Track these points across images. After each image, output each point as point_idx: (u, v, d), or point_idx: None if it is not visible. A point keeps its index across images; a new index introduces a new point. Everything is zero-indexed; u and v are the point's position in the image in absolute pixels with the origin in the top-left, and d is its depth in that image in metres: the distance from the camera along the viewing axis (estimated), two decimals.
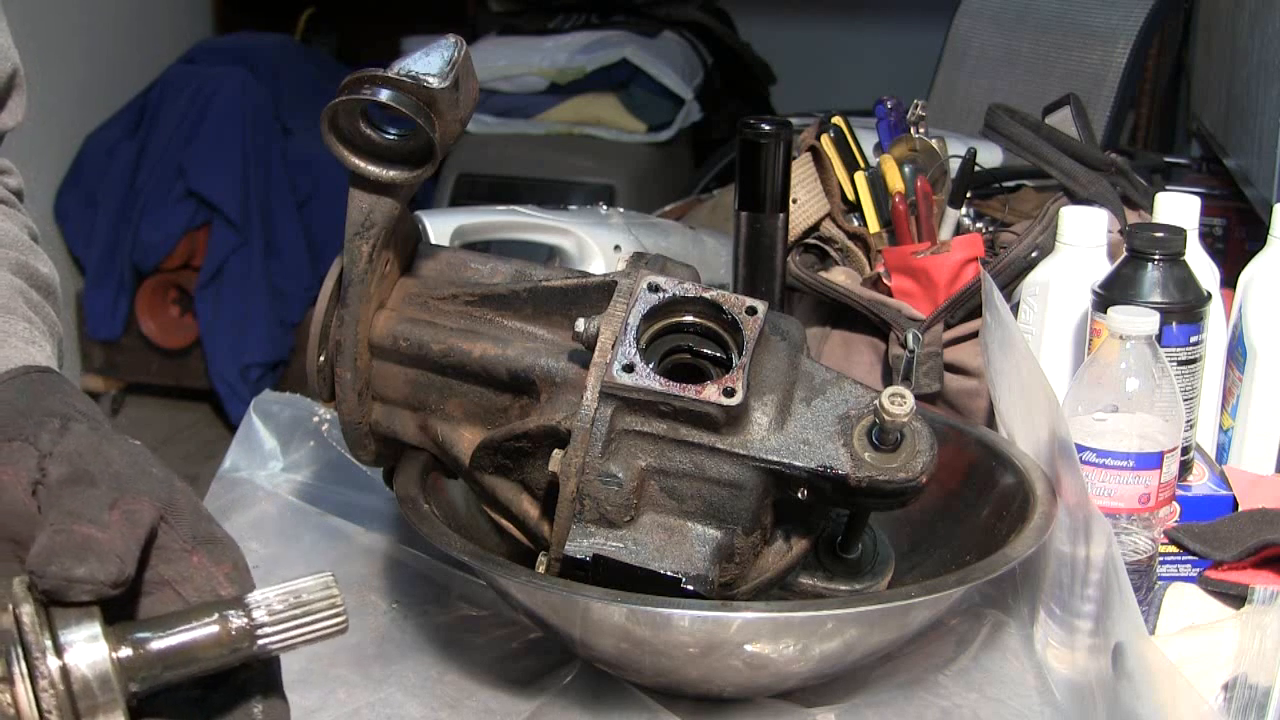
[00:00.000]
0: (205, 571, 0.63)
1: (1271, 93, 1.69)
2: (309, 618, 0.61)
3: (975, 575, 0.86)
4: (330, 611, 0.61)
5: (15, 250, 0.91)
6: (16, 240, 0.92)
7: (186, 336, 3.44)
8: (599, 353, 0.86)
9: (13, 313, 0.84)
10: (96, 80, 3.48)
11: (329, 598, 0.61)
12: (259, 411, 1.24)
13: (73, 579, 0.58)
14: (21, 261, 0.90)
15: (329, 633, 0.62)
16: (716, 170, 2.99)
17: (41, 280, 0.91)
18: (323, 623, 0.61)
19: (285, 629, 0.61)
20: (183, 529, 0.63)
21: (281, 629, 0.61)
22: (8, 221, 0.93)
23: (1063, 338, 1.19)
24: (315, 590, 0.61)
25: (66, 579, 0.58)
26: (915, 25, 3.43)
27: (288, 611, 0.61)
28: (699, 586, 0.84)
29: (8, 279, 0.87)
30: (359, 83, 0.84)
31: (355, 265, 0.90)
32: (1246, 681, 0.87)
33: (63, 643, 0.58)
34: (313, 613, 0.61)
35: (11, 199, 0.99)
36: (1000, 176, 1.54)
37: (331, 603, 0.61)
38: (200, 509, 0.65)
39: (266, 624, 0.61)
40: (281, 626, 0.61)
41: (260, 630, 0.60)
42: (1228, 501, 1.08)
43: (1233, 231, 1.97)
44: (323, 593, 0.61)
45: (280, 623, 0.61)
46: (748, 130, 1.23)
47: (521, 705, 0.90)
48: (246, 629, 0.60)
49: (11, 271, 0.89)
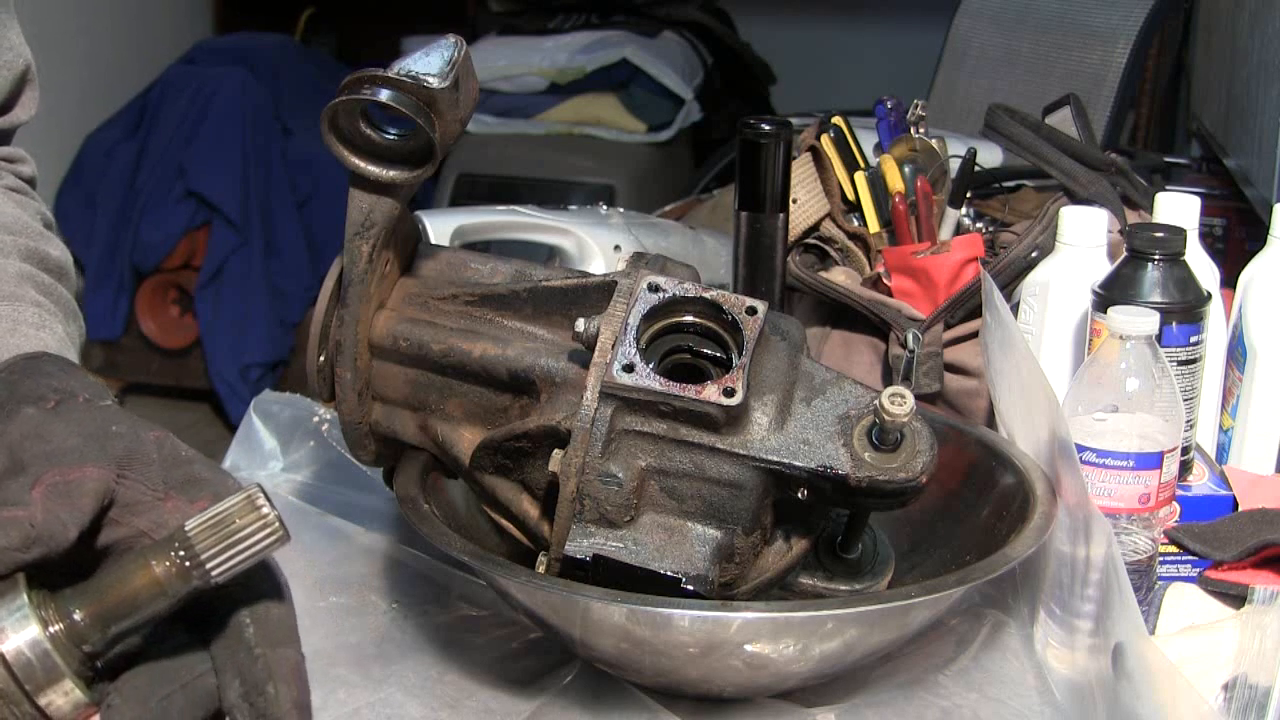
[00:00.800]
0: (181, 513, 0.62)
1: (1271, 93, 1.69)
2: (242, 539, 0.60)
3: (975, 575, 0.86)
4: (260, 526, 0.60)
5: (24, 236, 0.91)
6: (26, 226, 0.92)
7: (186, 336, 3.45)
8: (599, 353, 0.86)
9: (20, 299, 0.84)
10: (96, 80, 3.49)
11: (257, 514, 0.60)
12: (259, 411, 1.24)
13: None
14: (30, 247, 0.90)
15: (267, 547, 0.60)
16: (716, 170, 2.99)
17: (53, 263, 0.91)
18: (258, 540, 0.60)
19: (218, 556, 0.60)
20: (150, 478, 0.63)
21: (215, 557, 0.60)
22: (19, 209, 0.93)
23: (1063, 338, 1.19)
24: (241, 510, 0.60)
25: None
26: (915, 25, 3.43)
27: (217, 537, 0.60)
28: (699, 586, 0.84)
29: (15, 266, 0.88)
30: (359, 83, 0.84)
31: (355, 265, 0.90)
32: (1246, 681, 0.87)
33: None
34: (243, 533, 0.60)
35: (24, 187, 0.99)
36: (1000, 176, 1.54)
37: (261, 519, 0.60)
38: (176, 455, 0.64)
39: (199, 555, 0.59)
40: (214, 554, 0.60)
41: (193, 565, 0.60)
42: (1228, 501, 1.08)
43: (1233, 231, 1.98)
44: (250, 512, 0.60)
45: (212, 551, 0.60)
46: (748, 130, 1.23)
47: (521, 705, 0.90)
48: (178, 567, 0.60)
49: (20, 257, 0.89)
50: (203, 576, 0.60)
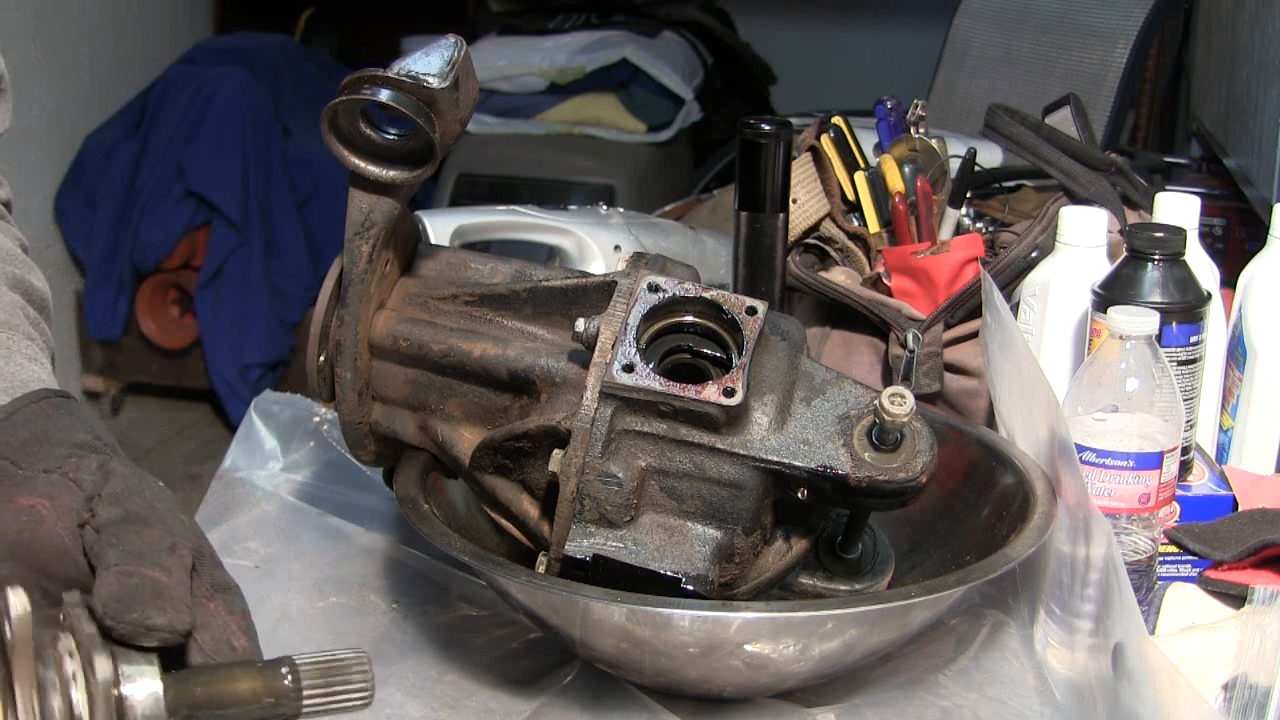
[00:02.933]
0: (220, 619, 0.65)
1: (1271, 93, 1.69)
2: (343, 689, 0.64)
3: (975, 575, 0.86)
4: (363, 686, 0.64)
5: (11, 265, 0.91)
6: (11, 255, 0.92)
7: (186, 336, 3.44)
8: (599, 353, 0.86)
9: (15, 329, 0.85)
10: (96, 80, 3.48)
11: (363, 673, 0.64)
12: (259, 411, 1.24)
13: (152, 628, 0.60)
14: (18, 276, 0.90)
15: (358, 705, 0.64)
16: (716, 170, 2.99)
17: (37, 296, 0.92)
18: (354, 695, 0.64)
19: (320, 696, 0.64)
20: (205, 575, 0.66)
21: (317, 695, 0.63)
22: (2, 237, 0.93)
23: (1063, 338, 1.19)
24: (352, 664, 0.64)
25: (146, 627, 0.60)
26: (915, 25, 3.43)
27: (325, 679, 0.64)
28: (699, 586, 0.84)
29: (8, 295, 0.88)
30: (359, 83, 0.84)
31: (355, 265, 0.90)
32: (1246, 681, 0.87)
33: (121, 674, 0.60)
34: (348, 685, 0.64)
35: (3, 212, 0.99)
36: (1000, 176, 1.54)
37: (364, 677, 0.64)
38: (214, 553, 0.67)
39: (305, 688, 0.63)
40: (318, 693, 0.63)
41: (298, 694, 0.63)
42: (1228, 501, 1.08)
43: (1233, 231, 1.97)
44: (359, 668, 0.64)
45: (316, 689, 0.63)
46: (748, 130, 1.23)
47: (521, 705, 0.90)
48: (287, 689, 0.63)
49: (9, 286, 0.89)
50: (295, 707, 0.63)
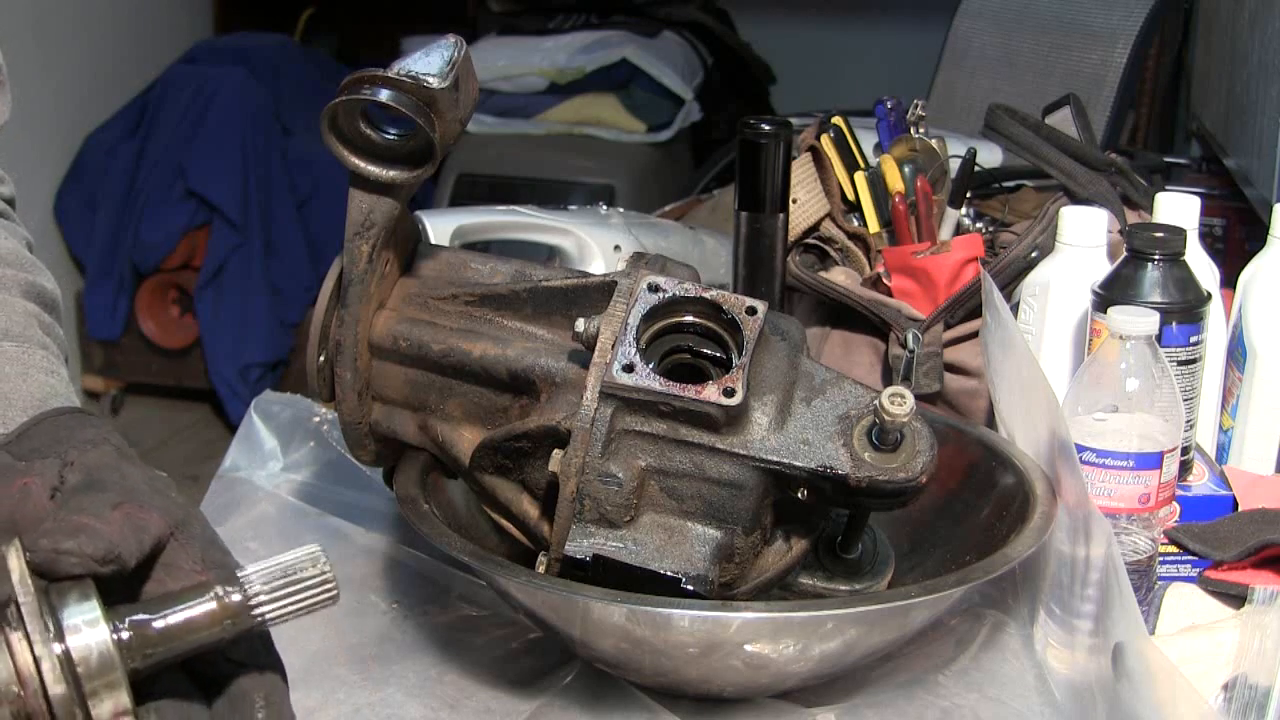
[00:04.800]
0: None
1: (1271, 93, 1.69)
2: (301, 591, 0.63)
3: (975, 575, 0.86)
4: (321, 583, 0.63)
5: (22, 270, 0.91)
6: (21, 259, 0.92)
7: (186, 336, 3.44)
8: (599, 353, 0.86)
9: (30, 341, 0.86)
10: (96, 80, 3.48)
11: (318, 570, 0.63)
12: (259, 411, 1.24)
13: (61, 550, 0.59)
14: (30, 282, 0.91)
15: (320, 603, 0.63)
16: (716, 170, 2.99)
17: (48, 298, 0.93)
18: (314, 594, 0.63)
19: (278, 603, 0.63)
20: (192, 551, 0.65)
21: (274, 603, 0.63)
22: (10, 239, 0.93)
23: (1063, 338, 1.19)
24: (305, 563, 0.63)
25: (55, 550, 0.59)
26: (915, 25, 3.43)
27: (280, 587, 0.63)
28: (699, 586, 0.84)
29: (22, 305, 0.88)
30: (359, 83, 0.84)
31: (355, 265, 0.90)
32: (1246, 681, 0.87)
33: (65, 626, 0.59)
34: (304, 586, 0.63)
35: (7, 209, 0.99)
36: (1000, 176, 1.54)
37: (322, 575, 0.63)
38: (216, 539, 0.67)
39: (260, 599, 0.62)
40: (274, 601, 0.63)
41: (254, 605, 0.62)
42: (1228, 501, 1.08)
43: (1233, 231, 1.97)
44: (312, 566, 0.63)
45: (273, 597, 0.63)
46: (748, 130, 1.23)
47: (521, 705, 0.90)
48: (241, 604, 0.62)
49: (22, 294, 0.89)
50: (258, 619, 0.62)
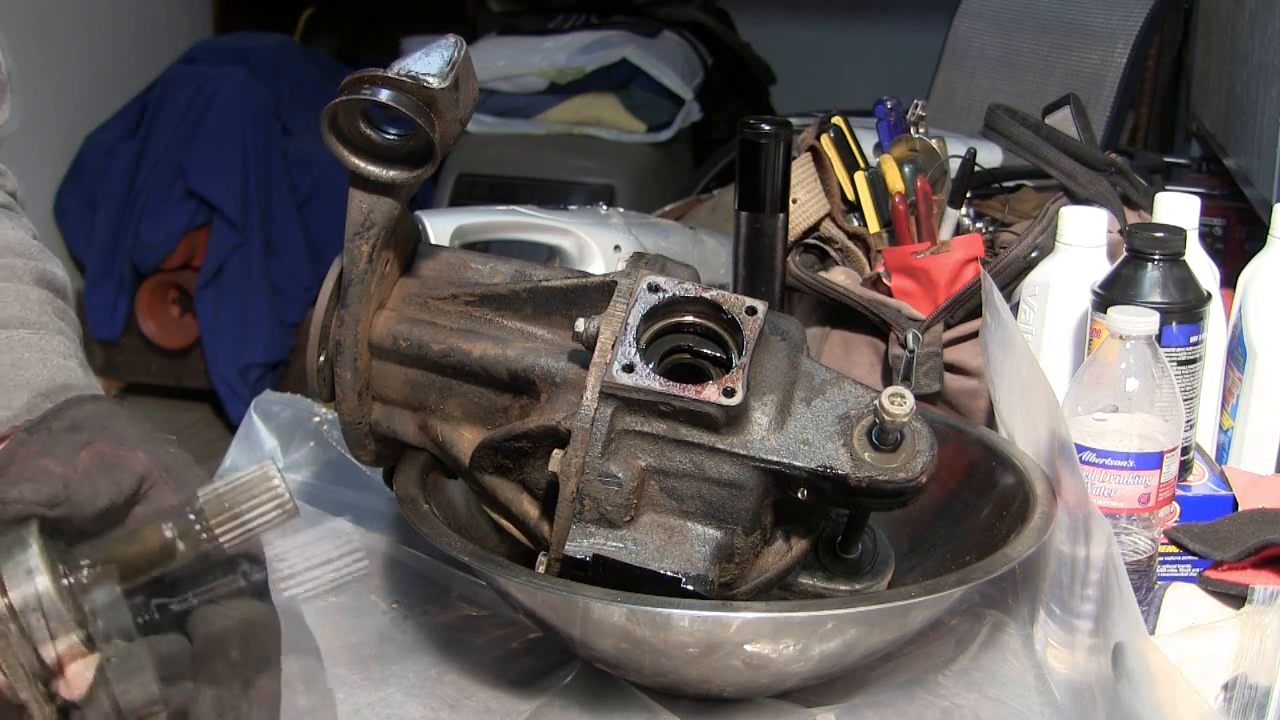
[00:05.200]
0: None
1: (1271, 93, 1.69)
2: (253, 510, 0.62)
3: (975, 575, 0.86)
4: (272, 499, 0.62)
5: (33, 259, 0.91)
6: (30, 248, 0.92)
7: (186, 336, 3.44)
8: (599, 353, 0.86)
9: (45, 328, 0.86)
10: (96, 80, 3.48)
11: (269, 486, 0.62)
12: (259, 411, 1.24)
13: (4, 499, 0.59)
14: (41, 269, 0.91)
15: (275, 519, 0.63)
16: (716, 170, 2.99)
17: (59, 285, 0.93)
18: (268, 512, 0.62)
19: (228, 523, 0.62)
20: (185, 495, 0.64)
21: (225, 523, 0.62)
22: (17, 229, 0.94)
23: (1063, 338, 1.19)
24: (255, 481, 0.62)
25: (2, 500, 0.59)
26: (915, 25, 3.43)
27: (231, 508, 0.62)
28: (699, 586, 0.84)
29: (35, 293, 0.88)
30: (359, 83, 0.84)
31: (355, 265, 0.90)
32: (1246, 681, 0.87)
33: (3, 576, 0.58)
34: (258, 501, 0.62)
35: (12, 203, 0.99)
36: (1000, 176, 1.54)
37: (272, 491, 0.62)
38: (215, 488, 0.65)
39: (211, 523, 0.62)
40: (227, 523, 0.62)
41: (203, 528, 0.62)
42: (1228, 501, 1.08)
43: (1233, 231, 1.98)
44: (263, 483, 0.62)
45: (223, 518, 0.62)
46: (748, 130, 1.23)
47: (521, 705, 0.90)
48: (189, 529, 0.61)
49: (34, 282, 0.90)
50: (213, 542, 0.62)
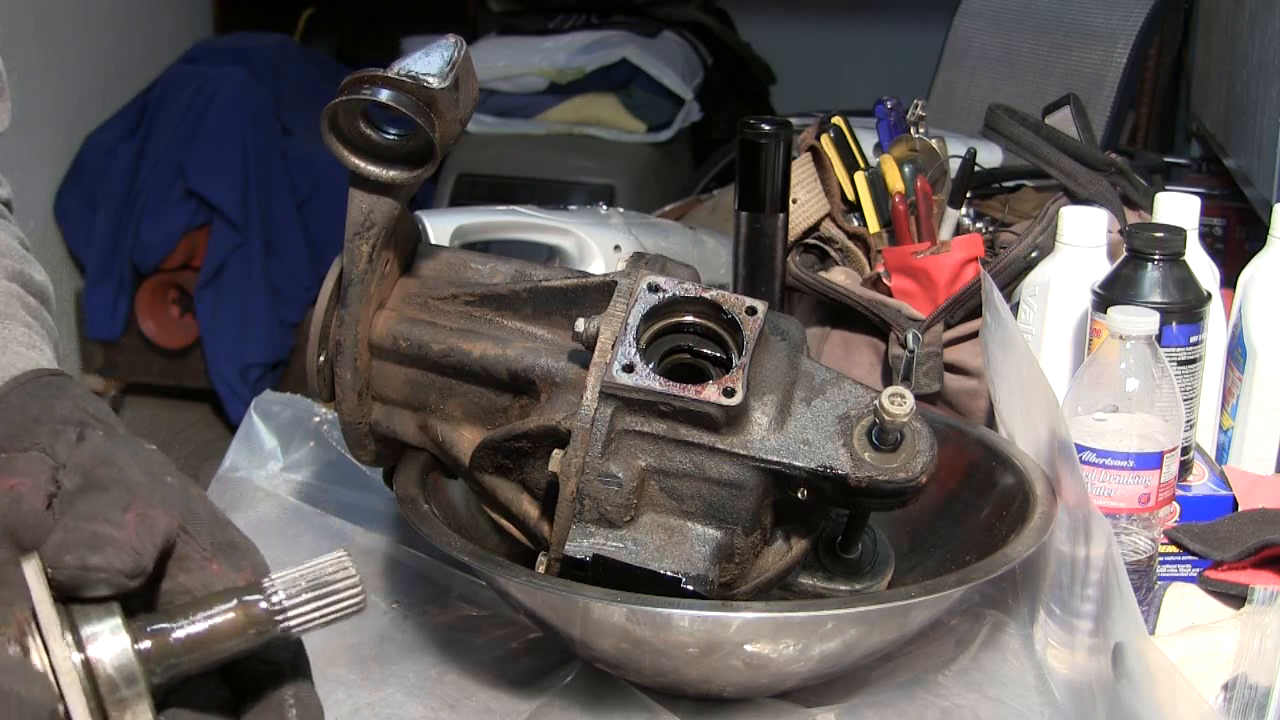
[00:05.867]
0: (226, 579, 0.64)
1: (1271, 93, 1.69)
2: (328, 598, 0.61)
3: (975, 575, 0.86)
4: (349, 589, 0.61)
5: (9, 259, 0.91)
6: (10, 249, 0.92)
7: (186, 336, 3.44)
8: (599, 353, 0.86)
9: (11, 318, 0.85)
10: (96, 80, 3.48)
11: (347, 576, 0.61)
12: (259, 411, 1.24)
13: (89, 567, 0.58)
14: (16, 269, 0.90)
15: (348, 611, 0.62)
16: (716, 170, 2.99)
17: (36, 287, 0.92)
18: (342, 602, 0.61)
19: (305, 610, 0.61)
20: (202, 538, 0.64)
21: (301, 611, 0.61)
22: (3, 233, 0.93)
23: (1063, 338, 1.19)
24: (332, 570, 0.61)
25: (83, 568, 0.58)
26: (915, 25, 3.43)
27: (306, 593, 0.61)
28: (699, 586, 0.84)
29: (3, 285, 0.87)
30: (359, 83, 0.84)
31: (355, 265, 0.90)
32: (1246, 681, 0.87)
33: (84, 636, 0.58)
34: (332, 592, 0.61)
35: (3, 210, 0.99)
36: (1000, 176, 1.54)
37: (350, 581, 0.61)
38: (217, 515, 0.66)
39: (286, 607, 0.61)
40: (301, 608, 0.61)
41: (280, 613, 0.61)
42: (1228, 501, 1.08)
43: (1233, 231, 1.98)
44: (340, 572, 0.61)
45: (299, 605, 0.61)
46: (748, 130, 1.23)
47: (521, 705, 0.90)
48: (267, 613, 0.61)
49: (6, 278, 0.89)
50: (286, 629, 0.61)
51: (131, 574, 0.59)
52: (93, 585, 0.58)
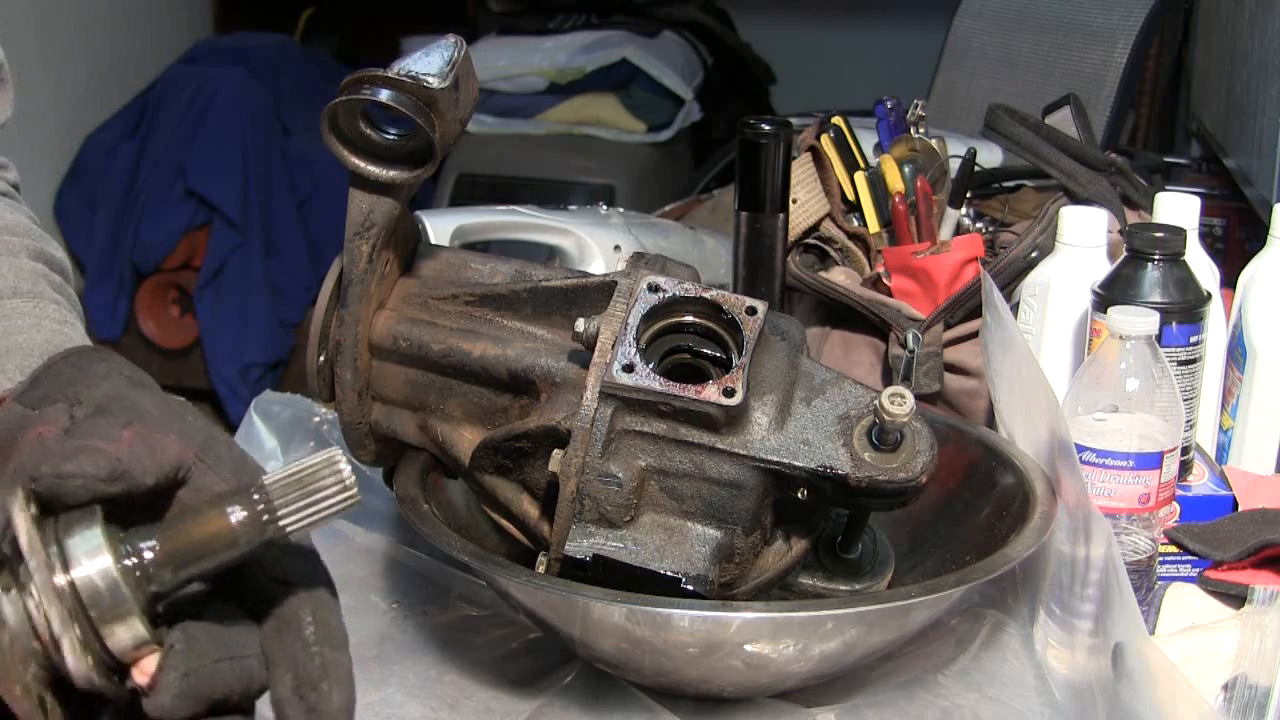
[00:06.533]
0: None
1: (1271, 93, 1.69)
2: (318, 496, 0.60)
3: (975, 575, 0.86)
4: (338, 487, 0.60)
5: (29, 238, 0.92)
6: (28, 228, 0.93)
7: (186, 336, 3.44)
8: (599, 353, 0.86)
9: (41, 296, 0.86)
10: (96, 80, 3.48)
11: (335, 473, 0.60)
12: (259, 411, 1.24)
13: (62, 474, 0.57)
14: (37, 248, 0.92)
15: (340, 508, 0.61)
16: (716, 170, 2.99)
17: (57, 264, 0.93)
18: (333, 499, 0.60)
19: (295, 510, 0.60)
20: (223, 473, 0.63)
21: (291, 511, 0.60)
22: (16, 213, 0.94)
23: (1063, 338, 1.19)
24: (321, 468, 0.60)
25: (56, 475, 0.57)
26: (915, 25, 3.43)
27: (295, 493, 0.60)
28: (699, 586, 0.84)
29: (30, 265, 0.89)
30: (359, 83, 0.84)
31: (355, 265, 0.90)
32: (1246, 681, 0.87)
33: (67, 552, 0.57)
34: (321, 491, 0.60)
35: (12, 192, 1.00)
36: (1000, 176, 1.54)
37: (339, 478, 0.60)
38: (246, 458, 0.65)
39: (276, 506, 0.60)
40: (291, 508, 0.60)
41: (269, 515, 0.60)
42: (1228, 501, 1.08)
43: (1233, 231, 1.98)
44: (328, 469, 0.60)
45: (289, 505, 0.60)
46: (748, 130, 1.23)
47: (521, 705, 0.90)
48: (254, 516, 0.60)
49: (30, 256, 0.90)
50: (277, 529, 0.60)
51: (109, 477, 0.58)
52: (70, 493, 0.58)
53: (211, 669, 0.59)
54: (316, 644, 0.62)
